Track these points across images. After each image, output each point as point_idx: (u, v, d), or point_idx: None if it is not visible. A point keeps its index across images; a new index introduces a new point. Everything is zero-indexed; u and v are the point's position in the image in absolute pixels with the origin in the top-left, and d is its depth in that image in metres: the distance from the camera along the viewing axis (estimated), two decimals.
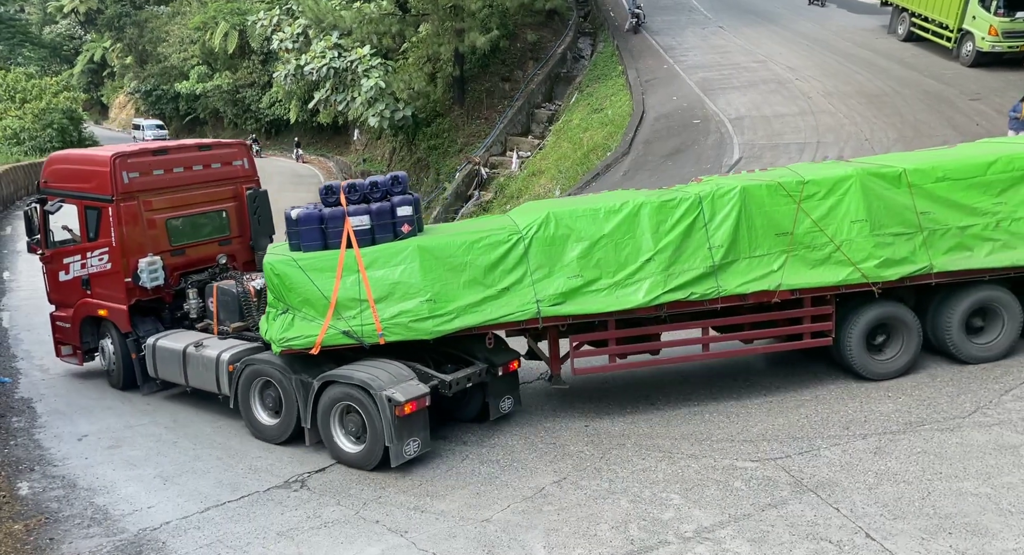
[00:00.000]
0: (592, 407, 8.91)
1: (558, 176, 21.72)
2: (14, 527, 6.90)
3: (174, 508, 7.09)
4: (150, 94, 47.45)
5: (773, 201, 8.59)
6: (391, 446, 7.75)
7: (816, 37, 26.77)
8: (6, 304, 14.30)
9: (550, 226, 8.50)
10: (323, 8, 29.69)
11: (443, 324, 8.33)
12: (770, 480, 6.92)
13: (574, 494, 6.96)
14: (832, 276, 8.51)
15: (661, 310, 8.55)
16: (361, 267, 8.38)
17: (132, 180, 10.03)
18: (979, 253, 8.63)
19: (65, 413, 9.42)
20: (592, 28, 32.99)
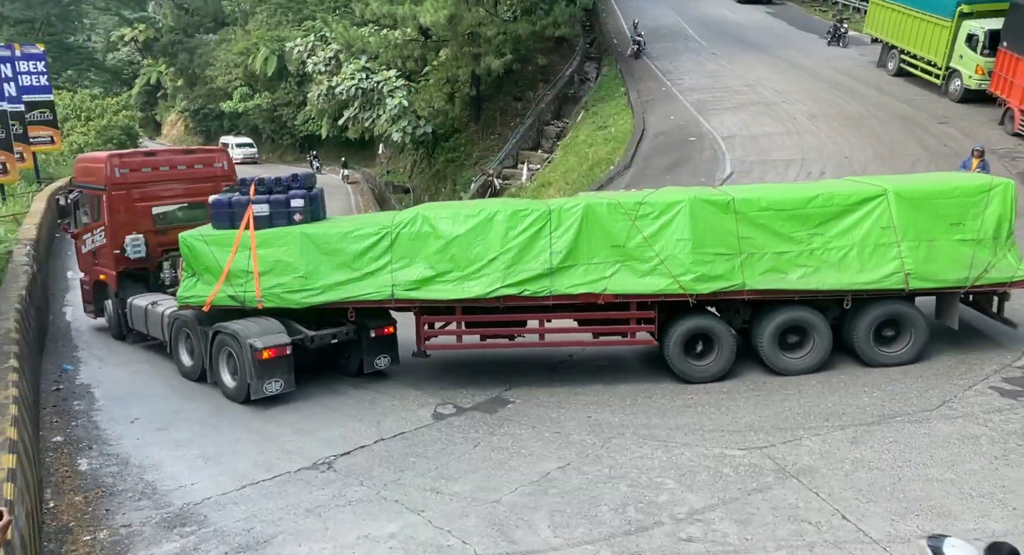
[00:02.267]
0: (594, 400, 8.89)
1: (565, 187, 21.70)
2: (75, 498, 6.96)
3: (214, 485, 7.12)
4: (198, 113, 47.81)
5: (612, 217, 9.02)
6: (251, 383, 8.89)
7: (802, 65, 26.61)
8: (69, 300, 14.43)
9: (416, 224, 9.23)
10: (353, 35, 29.84)
11: (310, 297, 9.28)
12: (756, 467, 6.89)
13: (577, 479, 6.94)
14: (653, 286, 8.88)
15: (499, 302, 9.08)
16: (253, 246, 9.38)
17: (122, 174, 11.35)
18: (791, 276, 8.76)
19: (119, 398, 9.48)
20: (597, 53, 32.95)
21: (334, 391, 9.50)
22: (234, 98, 43.48)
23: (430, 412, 8.75)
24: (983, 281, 8.60)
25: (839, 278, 8.69)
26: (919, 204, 8.73)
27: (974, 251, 8.58)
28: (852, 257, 8.72)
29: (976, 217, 8.60)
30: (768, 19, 35.37)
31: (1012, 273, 8.57)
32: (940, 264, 8.61)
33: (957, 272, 8.57)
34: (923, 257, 8.62)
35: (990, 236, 8.62)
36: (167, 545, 6.12)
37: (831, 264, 8.74)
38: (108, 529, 6.39)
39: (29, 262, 12.71)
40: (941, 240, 8.65)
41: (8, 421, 6.48)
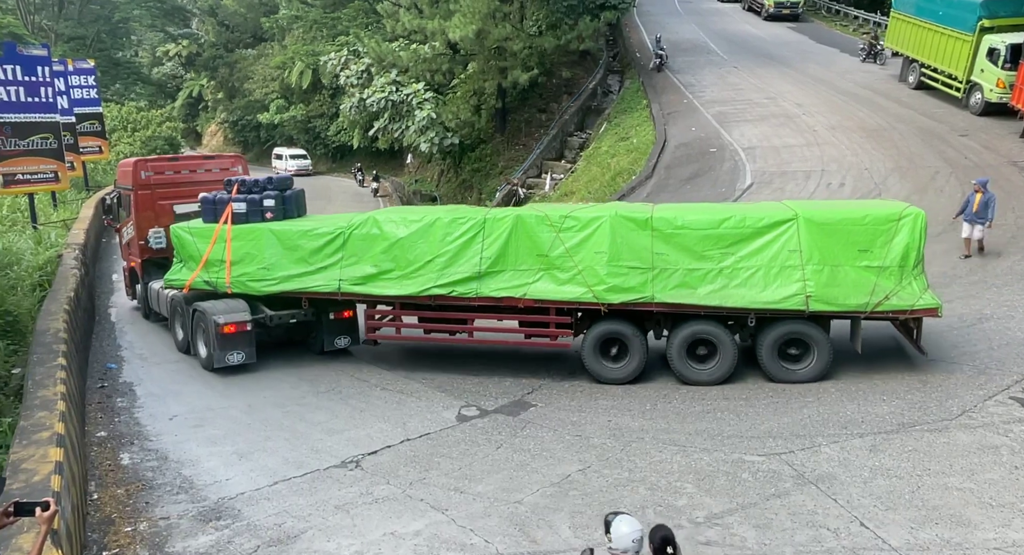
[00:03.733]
0: (615, 404, 8.84)
1: (588, 196, 21.66)
2: (117, 491, 7.09)
3: (247, 481, 7.20)
4: (236, 124, 48.58)
5: (539, 228, 9.45)
6: (214, 353, 10.06)
7: (823, 79, 26.28)
8: (114, 302, 14.70)
9: (367, 226, 10.03)
10: (384, 49, 30.15)
11: (269, 286, 10.34)
12: (775, 473, 6.80)
13: (597, 481, 6.91)
14: (570, 294, 9.26)
15: (431, 300, 9.75)
16: (228, 238, 10.51)
17: (148, 177, 12.67)
18: (700, 292, 8.95)
19: (159, 396, 9.63)
20: (620, 67, 32.90)
21: (362, 392, 9.57)
22: (271, 110, 44.13)
23: (454, 414, 8.77)
24: (883, 307, 8.54)
25: (743, 296, 8.82)
26: (828, 230, 8.78)
27: (877, 278, 8.57)
28: (758, 277, 8.85)
29: (884, 245, 8.60)
30: (789, 34, 35.06)
31: (913, 301, 8.48)
32: (842, 288, 8.63)
33: (858, 297, 8.57)
34: (825, 281, 8.66)
35: (896, 264, 8.58)
36: (203, 538, 6.21)
37: (738, 283, 8.88)
38: (148, 521, 6.50)
39: (77, 265, 13.01)
40: (846, 265, 8.68)
41: (56, 416, 6.63)
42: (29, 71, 16.49)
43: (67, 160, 18.73)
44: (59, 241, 15.12)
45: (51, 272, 12.55)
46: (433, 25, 26.63)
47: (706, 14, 40.89)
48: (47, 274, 12.38)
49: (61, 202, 21.72)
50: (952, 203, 12.40)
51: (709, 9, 42.87)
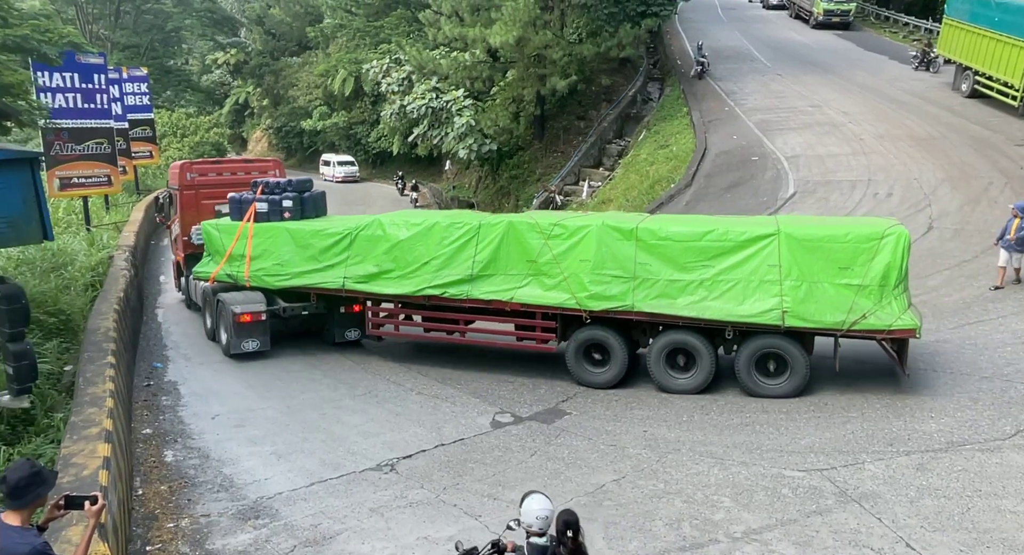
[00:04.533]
0: (650, 414, 8.75)
1: (626, 204, 21.53)
2: (161, 488, 7.26)
3: (285, 481, 7.30)
4: (280, 130, 49.65)
5: (530, 235, 9.77)
6: (231, 340, 10.86)
7: (871, 86, 25.68)
8: (161, 303, 15.13)
9: (372, 228, 10.62)
10: (425, 57, 30.52)
11: (281, 281, 11.08)
12: (816, 489, 6.63)
13: (632, 492, 6.84)
14: (554, 299, 9.56)
15: (426, 300, 10.25)
16: (249, 235, 11.27)
17: (192, 178, 13.57)
18: (679, 303, 9.04)
19: (202, 395, 9.84)
20: (660, 74, 32.69)
21: (398, 396, 9.66)
22: (313, 116, 44.99)
23: (488, 420, 8.78)
24: (860, 326, 8.41)
25: (721, 309, 8.86)
26: (808, 246, 8.71)
27: (856, 296, 8.45)
28: (737, 290, 8.86)
29: (865, 263, 8.47)
30: (836, 41, 34.36)
31: (891, 322, 8.31)
32: (819, 305, 8.55)
33: (835, 315, 8.47)
34: (803, 297, 8.60)
35: (876, 283, 8.43)
36: (242, 535, 6.33)
37: (717, 295, 8.93)
38: (189, 518, 6.65)
39: (127, 267, 13.44)
40: (825, 283, 8.59)
41: (105, 413, 6.84)
42: (86, 78, 17.17)
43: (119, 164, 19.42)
44: (110, 243, 15.66)
45: (102, 273, 13.00)
46: (474, 33, 26.87)
47: (750, 21, 40.40)
48: (98, 275, 12.82)
49: (113, 205, 22.49)
50: (1006, 215, 11.97)
51: (753, 16, 42.36)
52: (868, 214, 15.42)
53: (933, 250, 13.51)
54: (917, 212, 15.33)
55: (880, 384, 8.84)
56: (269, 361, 11.14)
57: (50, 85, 16.49)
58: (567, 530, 4.01)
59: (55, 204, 17.80)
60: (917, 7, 37.41)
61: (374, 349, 11.67)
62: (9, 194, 7.35)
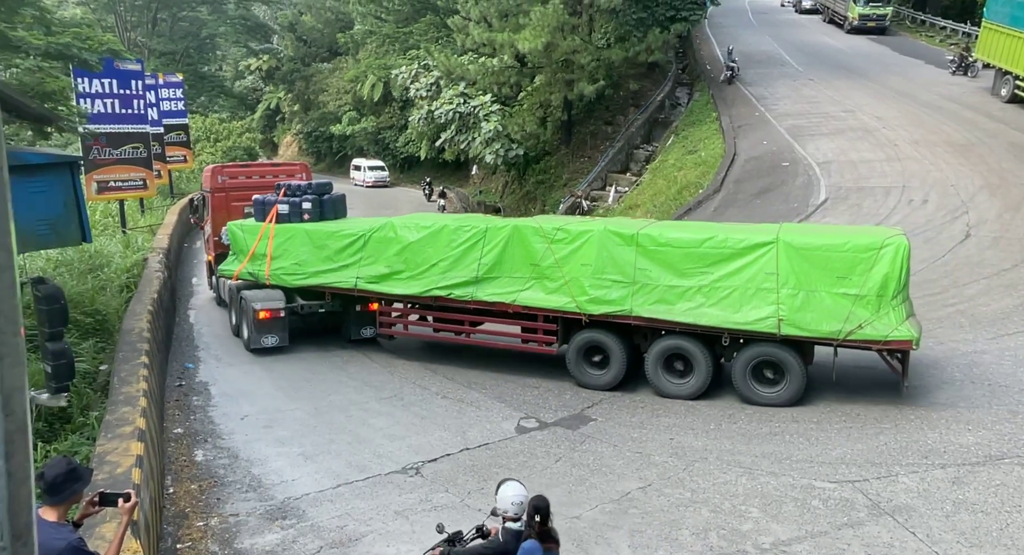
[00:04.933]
0: (677, 422, 8.67)
1: (653, 210, 21.40)
2: (191, 486, 7.38)
3: (312, 482, 7.38)
4: (310, 135, 50.34)
5: (534, 239, 9.94)
6: (251, 335, 11.34)
7: (906, 91, 25.20)
8: (192, 304, 15.41)
9: (384, 230, 10.94)
10: (453, 63, 30.72)
11: (298, 280, 11.52)
12: (847, 501, 6.51)
13: (658, 500, 6.78)
14: (555, 302, 9.70)
15: (433, 300, 10.54)
16: (271, 236, 11.75)
17: (223, 181, 14.22)
18: (677, 308, 9.08)
19: (232, 396, 9.99)
20: (689, 79, 32.49)
21: (423, 400, 9.70)
22: (343, 121, 45.54)
23: (513, 425, 8.78)
24: (856, 336, 8.32)
25: (717, 316, 8.85)
26: (806, 255, 8.66)
27: (853, 306, 8.35)
28: (734, 297, 8.85)
29: (863, 273, 8.38)
30: (870, 45, 33.80)
31: (888, 332, 8.19)
32: (815, 314, 8.49)
33: (831, 324, 8.40)
34: (799, 305, 8.56)
35: (874, 293, 8.32)
36: (269, 535, 6.41)
37: (714, 302, 8.94)
38: (219, 517, 6.76)
39: (161, 269, 13.73)
40: (822, 292, 8.53)
41: (138, 412, 6.99)
42: (124, 84, 17.61)
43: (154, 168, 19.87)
44: (145, 245, 16.01)
45: (137, 274, 13.28)
46: (502, 38, 26.98)
47: (781, 26, 39.95)
48: (133, 276, 13.11)
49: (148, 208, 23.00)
50: None
51: (785, 21, 41.88)
52: (902, 221, 15.12)
53: (971, 258, 13.19)
54: (954, 219, 15.00)
55: (913, 395, 8.65)
56: (297, 363, 11.29)
57: (89, 91, 16.94)
58: (536, 515, 4.24)
59: (92, 207, 18.23)
60: (954, 11, 36.64)
61: (400, 353, 11.76)
62: (51, 197, 7.57)
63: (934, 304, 11.45)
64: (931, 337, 10.34)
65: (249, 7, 47.51)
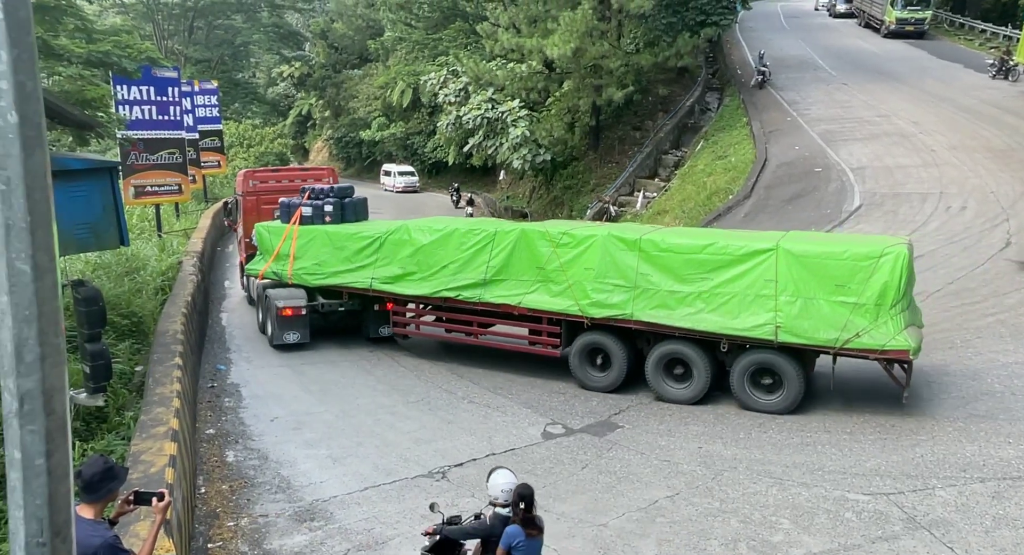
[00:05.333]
0: (705, 430, 8.56)
1: (682, 215, 21.22)
2: (222, 487, 7.49)
3: (340, 485, 7.43)
4: (340, 140, 50.97)
5: (540, 243, 10.16)
6: (274, 332, 11.92)
7: (943, 96, 24.63)
8: (225, 307, 15.67)
9: (399, 233, 11.31)
10: (482, 69, 30.88)
11: (318, 280, 11.93)
12: (881, 514, 6.36)
13: (686, 509, 6.69)
14: (559, 305, 9.89)
15: (442, 301, 10.87)
16: (294, 237, 12.22)
17: (254, 185, 14.78)
18: (677, 313, 9.13)
19: (262, 398, 10.12)
20: (719, 84, 32.20)
21: (450, 404, 9.73)
22: (372, 127, 46.04)
23: (539, 431, 8.75)
24: (853, 345, 8.26)
25: (716, 321, 8.89)
26: (806, 263, 8.63)
27: (851, 314, 8.29)
28: (733, 304, 8.87)
29: (862, 282, 8.31)
30: (906, 49, 33.13)
31: (885, 342, 8.09)
32: (813, 322, 8.45)
33: (829, 332, 8.34)
34: (797, 313, 8.52)
35: (872, 302, 8.25)
36: (298, 537, 6.47)
37: (713, 308, 8.97)
38: (248, 517, 6.84)
39: (195, 272, 13.99)
40: (821, 299, 8.48)
41: (172, 413, 7.12)
42: (161, 92, 18.05)
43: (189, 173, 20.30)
44: (179, 249, 16.33)
45: (171, 277, 13.56)
46: (531, 43, 27.06)
47: (814, 30, 39.41)
48: (168, 279, 13.38)
49: (183, 212, 23.48)
50: None
51: (818, 25, 41.31)
52: (940, 228, 14.78)
53: (1011, 267, 12.82)
54: (993, 227, 14.60)
55: (951, 407, 8.42)
56: (325, 366, 11.41)
57: (128, 98, 17.40)
58: (520, 502, 4.49)
59: (129, 211, 18.67)
60: (995, 14, 35.75)
61: (427, 357, 11.81)
62: (91, 202, 7.77)
63: (973, 313, 11.16)
64: (970, 347, 10.08)
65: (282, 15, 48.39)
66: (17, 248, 1.42)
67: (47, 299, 1.46)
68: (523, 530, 4.43)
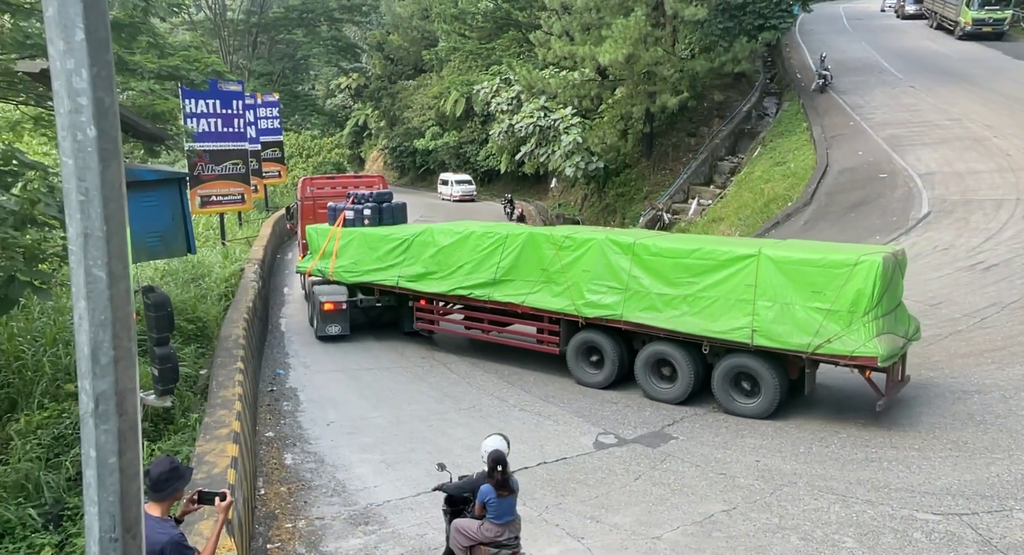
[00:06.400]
0: (764, 443, 8.32)
1: (738, 223, 20.77)
2: (280, 489, 7.66)
3: (393, 490, 7.51)
4: (395, 150, 51.95)
5: (546, 246, 10.75)
6: (318, 324, 12.98)
7: (1020, 97, 23.44)
8: (284, 313, 16.11)
9: (424, 234, 12.20)
10: (534, 77, 31.01)
11: (353, 277, 12.94)
12: (954, 535, 6.04)
13: (743, 525, 6.51)
14: (557, 305, 10.48)
15: (457, 299, 11.72)
16: (337, 238, 13.27)
17: (311, 191, 16.36)
18: (663, 316, 9.51)
19: (319, 402, 10.33)
20: (778, 88, 31.47)
21: (501, 412, 9.74)
22: (426, 136, 46.78)
23: (592, 440, 8.67)
24: (824, 350, 8.36)
25: (698, 324, 9.19)
26: (785, 269, 8.78)
27: (824, 320, 8.40)
28: (715, 307, 9.13)
29: (837, 289, 8.41)
30: (980, 50, 31.65)
31: (855, 348, 8.14)
32: (787, 326, 8.60)
33: (802, 337, 8.49)
34: (772, 317, 8.69)
35: (845, 309, 8.33)
36: (352, 540, 6.57)
37: (697, 311, 9.27)
38: (305, 519, 6.99)
39: (256, 279, 14.45)
40: (797, 305, 8.61)
41: (234, 415, 7.34)
42: (226, 105, 18.76)
43: (251, 183, 21.01)
44: (242, 256, 16.90)
45: (234, 284, 14.03)
46: (584, 51, 27.03)
47: (879, 31, 38.10)
48: (231, 286, 13.85)
49: (245, 221, 24.30)
50: None
51: (883, 26, 39.91)
52: (1016, 236, 14.04)
53: None
54: None
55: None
56: (380, 373, 11.59)
57: (195, 111, 18.16)
58: (495, 465, 5.12)
59: (195, 220, 19.45)
60: None
61: (478, 365, 11.86)
62: (161, 211, 8.13)
63: None
64: None
65: (341, 28, 49.69)
66: (94, 256, 1.50)
67: (120, 304, 1.53)
68: (494, 490, 5.10)
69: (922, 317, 11.89)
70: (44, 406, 7.74)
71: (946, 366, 9.97)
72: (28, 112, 11.73)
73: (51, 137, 13.70)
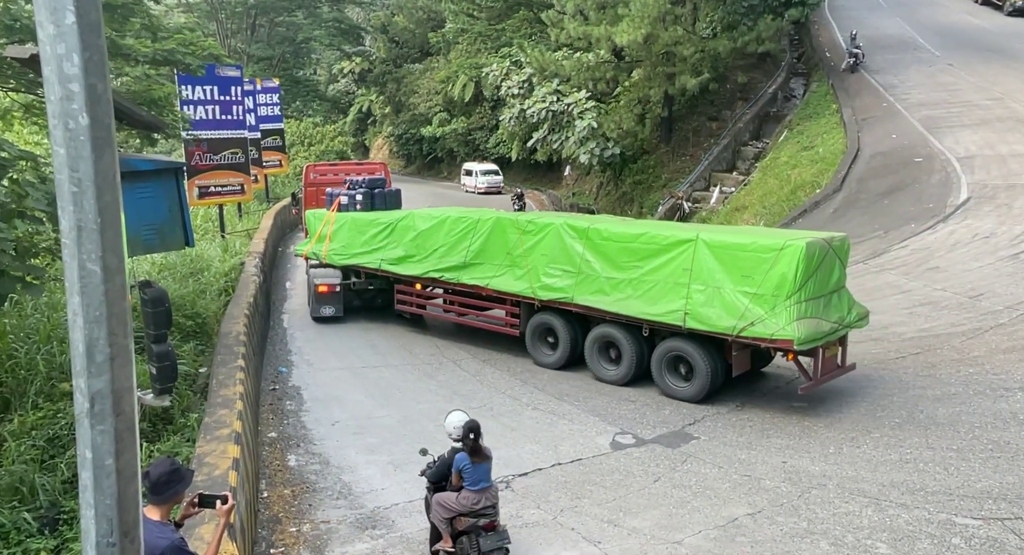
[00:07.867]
0: (790, 444, 8.28)
1: (763, 212, 20.63)
2: (284, 491, 7.71)
3: (401, 492, 7.55)
4: (400, 137, 52.02)
5: (511, 230, 11.52)
6: (313, 306, 14.18)
7: None
8: (286, 308, 16.18)
9: (406, 219, 13.10)
10: (547, 59, 30.90)
11: (343, 260, 13.92)
12: (995, 541, 5.99)
13: (769, 529, 6.49)
14: (518, 287, 11.30)
15: (430, 281, 12.67)
16: (331, 222, 14.21)
17: (314, 177, 17.60)
18: (609, 299, 10.20)
19: (323, 401, 10.38)
20: (805, 68, 31.17)
21: (513, 411, 9.75)
22: (433, 123, 46.74)
23: (608, 440, 8.67)
24: (747, 333, 8.90)
25: (638, 307, 9.87)
26: (718, 253, 9.32)
27: (750, 303, 8.93)
28: (655, 291, 9.79)
29: (763, 273, 8.91)
30: (1021, 24, 31.14)
31: (774, 331, 8.68)
32: (716, 310, 9.18)
33: (728, 320, 9.03)
34: (704, 301, 9.29)
35: (769, 292, 8.85)
36: (359, 545, 6.61)
37: (639, 294, 9.93)
38: (310, 523, 7.04)
39: (257, 273, 14.53)
40: (727, 288, 9.16)
41: (235, 415, 7.39)
42: (224, 91, 18.84)
43: (251, 173, 21.12)
44: (242, 250, 17.00)
45: (234, 278, 14.12)
46: (599, 31, 26.88)
47: (915, 6, 37.56)
48: (231, 280, 13.94)
49: (245, 213, 24.43)
50: None
51: (921, 1, 39.31)
52: None
53: None
54: None
55: None
56: (386, 370, 11.64)
57: (192, 98, 18.25)
58: (469, 434, 5.65)
59: (193, 212, 19.58)
60: None
61: (490, 362, 11.88)
62: (157, 203, 8.18)
63: None
64: None
65: (343, 10, 49.69)
66: (88, 249, 1.50)
67: (116, 300, 1.53)
68: (469, 457, 5.64)
69: (961, 309, 11.79)
70: (38, 406, 7.83)
71: (987, 361, 9.88)
72: (18, 100, 11.85)
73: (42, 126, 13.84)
